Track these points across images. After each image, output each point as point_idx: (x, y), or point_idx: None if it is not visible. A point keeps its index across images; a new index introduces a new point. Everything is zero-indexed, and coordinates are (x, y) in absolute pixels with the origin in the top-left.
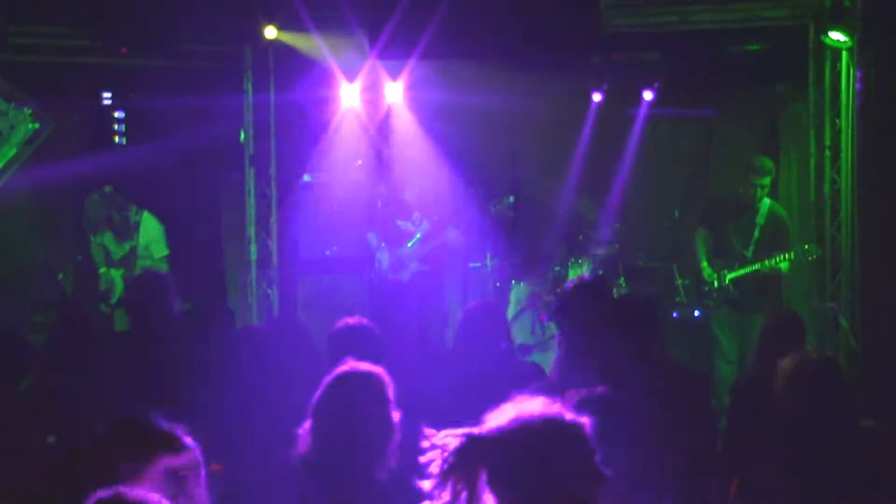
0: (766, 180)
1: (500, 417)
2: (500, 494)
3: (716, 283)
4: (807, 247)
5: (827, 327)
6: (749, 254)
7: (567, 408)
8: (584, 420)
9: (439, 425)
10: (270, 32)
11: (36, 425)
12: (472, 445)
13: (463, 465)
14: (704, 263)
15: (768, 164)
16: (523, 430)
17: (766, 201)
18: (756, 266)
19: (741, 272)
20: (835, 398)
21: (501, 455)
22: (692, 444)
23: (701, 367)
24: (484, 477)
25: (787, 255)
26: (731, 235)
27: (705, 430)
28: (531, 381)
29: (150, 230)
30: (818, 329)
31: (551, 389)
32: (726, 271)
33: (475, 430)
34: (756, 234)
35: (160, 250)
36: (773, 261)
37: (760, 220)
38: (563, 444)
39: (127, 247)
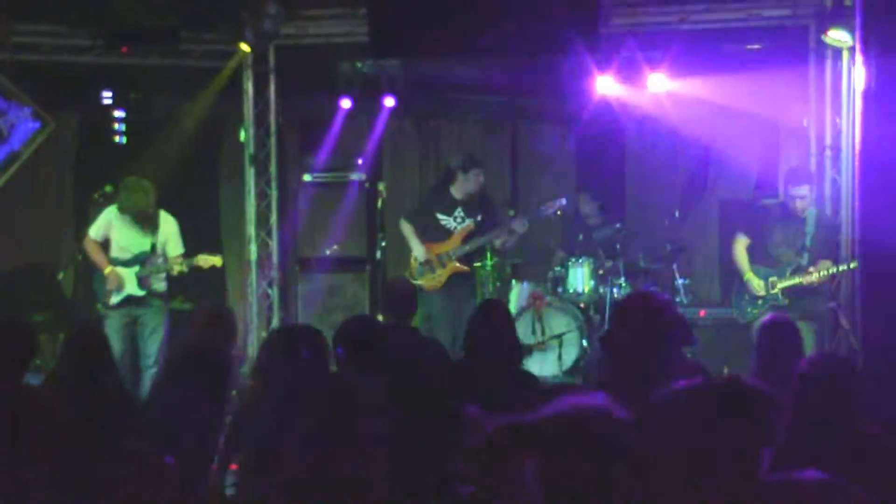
0: (805, 190)
1: (552, 407)
2: (545, 483)
3: (766, 292)
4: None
5: (827, 327)
6: (804, 262)
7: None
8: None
9: None
10: (245, 48)
11: None
12: (520, 433)
13: (509, 451)
14: (749, 274)
15: (805, 173)
16: (573, 420)
17: (813, 210)
18: (813, 276)
19: (795, 281)
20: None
21: (551, 443)
22: None
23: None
24: (529, 465)
25: (849, 265)
26: (780, 244)
27: None
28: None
29: (168, 227)
30: (818, 329)
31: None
32: (775, 279)
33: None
34: (808, 242)
35: (176, 248)
36: (836, 269)
37: (810, 228)
38: (611, 435)
39: (147, 243)
